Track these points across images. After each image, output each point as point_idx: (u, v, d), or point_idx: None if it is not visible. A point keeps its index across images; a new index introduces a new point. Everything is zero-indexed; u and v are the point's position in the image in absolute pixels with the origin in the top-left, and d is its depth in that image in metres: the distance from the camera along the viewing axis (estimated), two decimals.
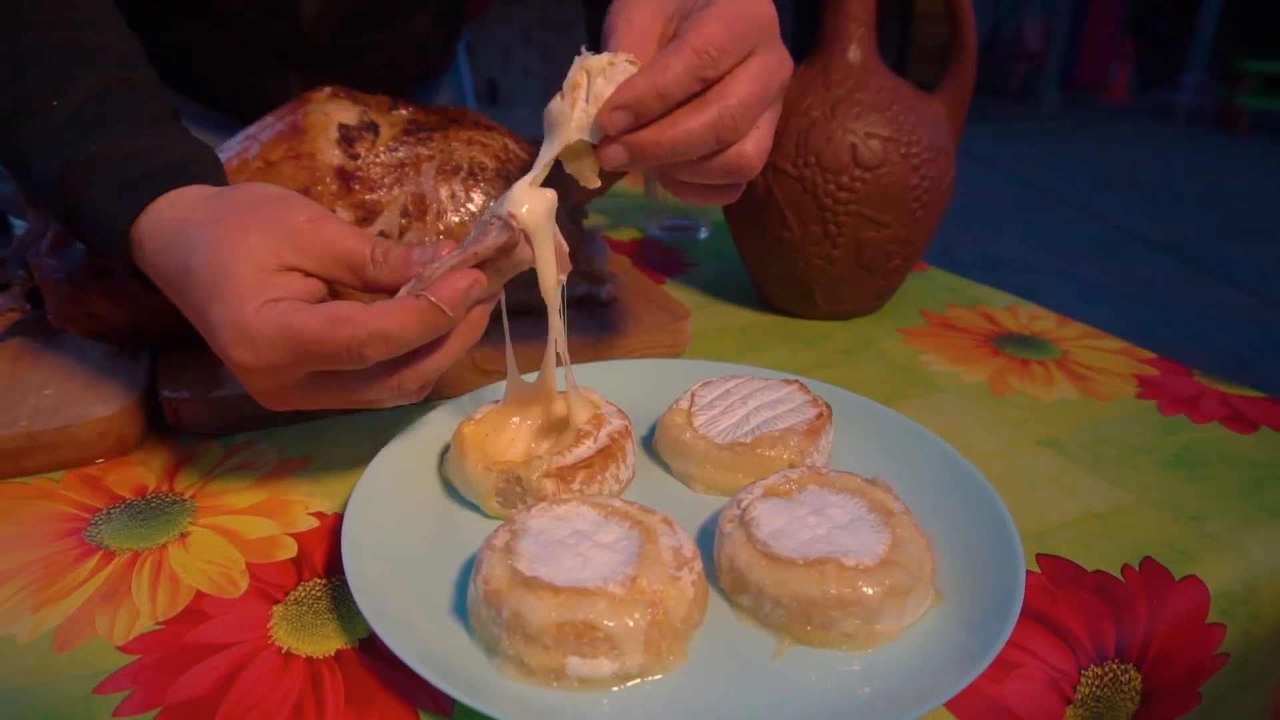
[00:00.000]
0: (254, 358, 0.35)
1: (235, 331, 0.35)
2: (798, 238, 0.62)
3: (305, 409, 0.40)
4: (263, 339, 0.35)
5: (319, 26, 0.81)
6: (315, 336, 0.34)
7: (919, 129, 0.61)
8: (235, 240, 0.36)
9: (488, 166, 0.57)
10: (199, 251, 0.37)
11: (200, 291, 0.37)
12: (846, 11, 0.62)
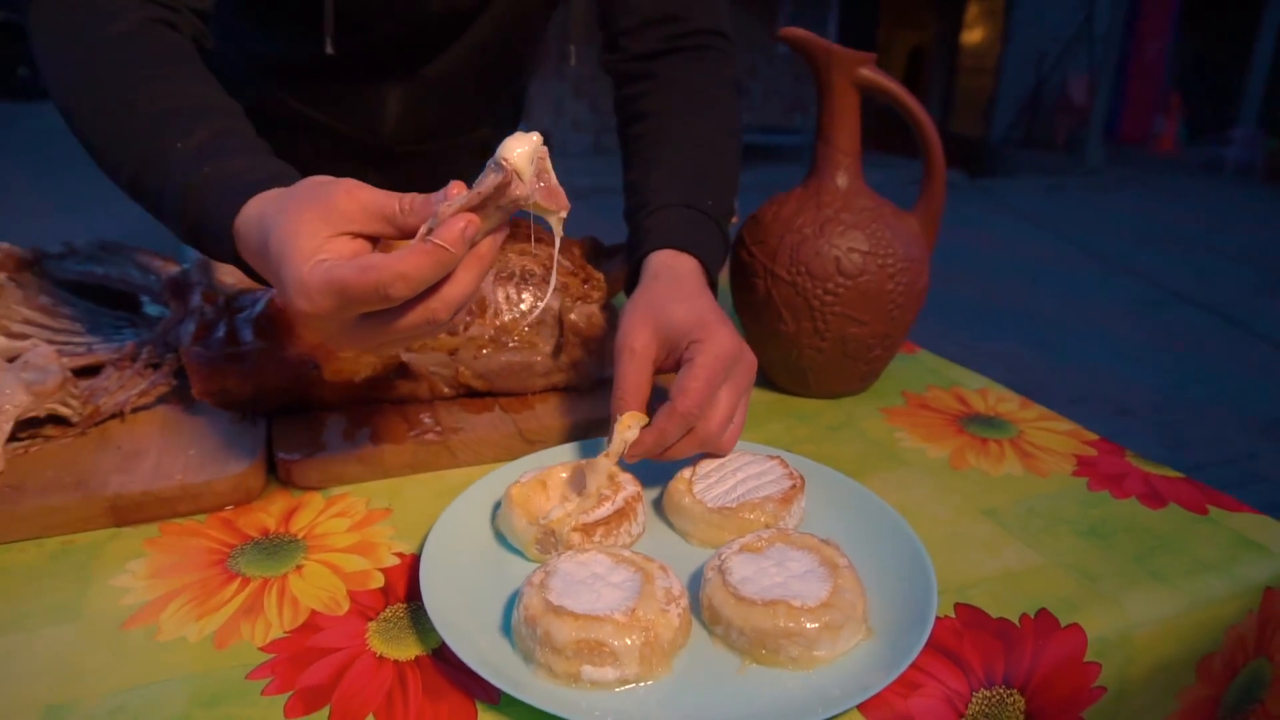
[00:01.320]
0: (311, 306, 0.46)
1: (296, 287, 0.46)
2: (792, 331, 0.75)
3: (361, 348, 0.50)
4: (315, 290, 0.45)
5: (397, 136, 0.96)
6: (350, 283, 0.44)
7: (895, 243, 0.74)
8: (295, 219, 0.48)
9: (535, 273, 0.71)
10: (272, 231, 0.49)
11: (274, 261, 0.48)
12: (836, 145, 0.75)
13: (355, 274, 0.44)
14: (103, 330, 0.78)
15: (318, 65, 0.85)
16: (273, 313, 0.68)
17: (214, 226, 0.54)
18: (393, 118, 0.95)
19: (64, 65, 0.62)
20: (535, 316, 0.70)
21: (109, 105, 0.60)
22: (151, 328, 0.78)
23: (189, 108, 0.59)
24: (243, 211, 0.53)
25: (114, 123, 0.60)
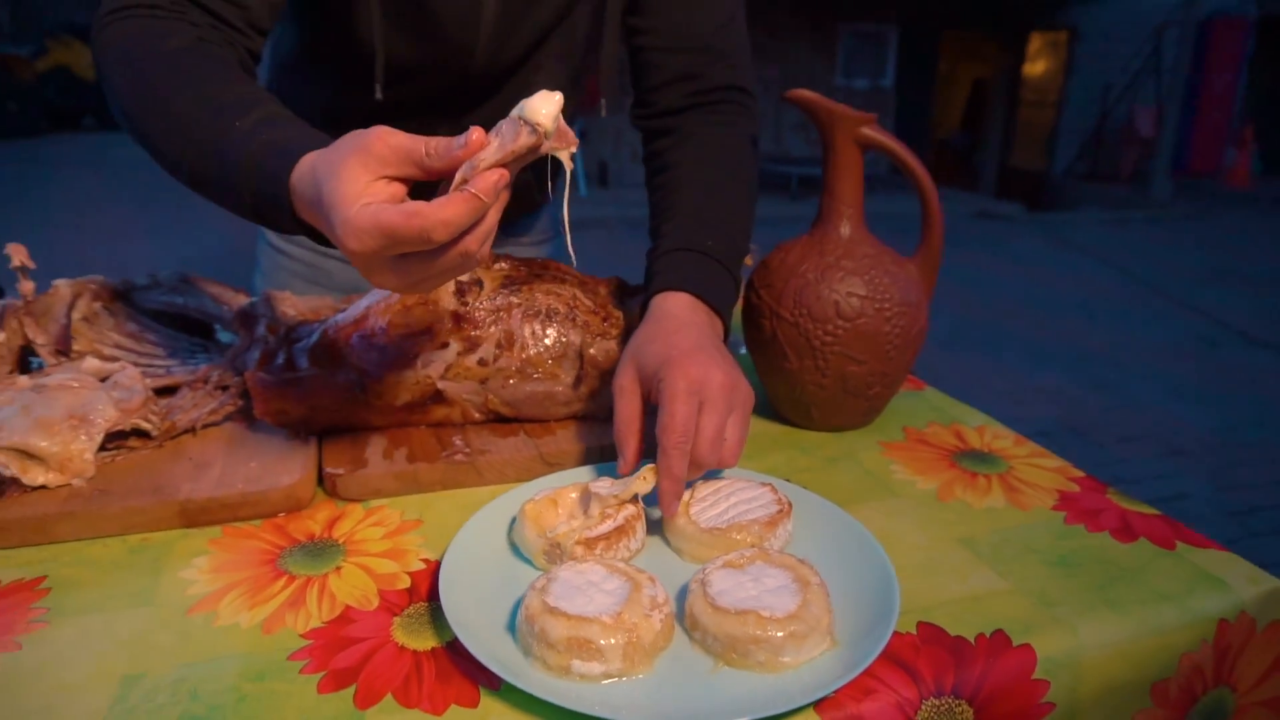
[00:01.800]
0: (359, 245, 0.53)
1: (346, 228, 0.53)
2: (795, 369, 0.81)
3: (402, 284, 0.56)
4: (363, 230, 0.52)
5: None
6: (397, 225, 0.50)
7: (892, 288, 0.79)
8: (339, 168, 0.54)
9: (559, 311, 0.78)
10: (322, 181, 0.56)
11: (325, 207, 0.55)
12: (839, 197, 0.81)
13: (402, 219, 0.51)
14: (180, 354, 0.88)
15: (368, 111, 0.94)
16: (326, 343, 0.76)
17: (273, 189, 0.61)
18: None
19: (125, 78, 0.70)
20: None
21: (167, 106, 0.67)
22: (222, 353, 0.87)
23: (239, 99, 0.67)
24: (296, 168, 0.59)
25: (173, 120, 0.67)
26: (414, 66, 0.90)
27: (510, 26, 0.90)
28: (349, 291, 1.16)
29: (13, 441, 0.65)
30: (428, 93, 0.95)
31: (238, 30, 0.76)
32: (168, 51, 0.70)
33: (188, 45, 0.71)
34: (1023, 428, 2.98)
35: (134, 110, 0.70)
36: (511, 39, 0.91)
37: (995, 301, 5.00)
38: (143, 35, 0.71)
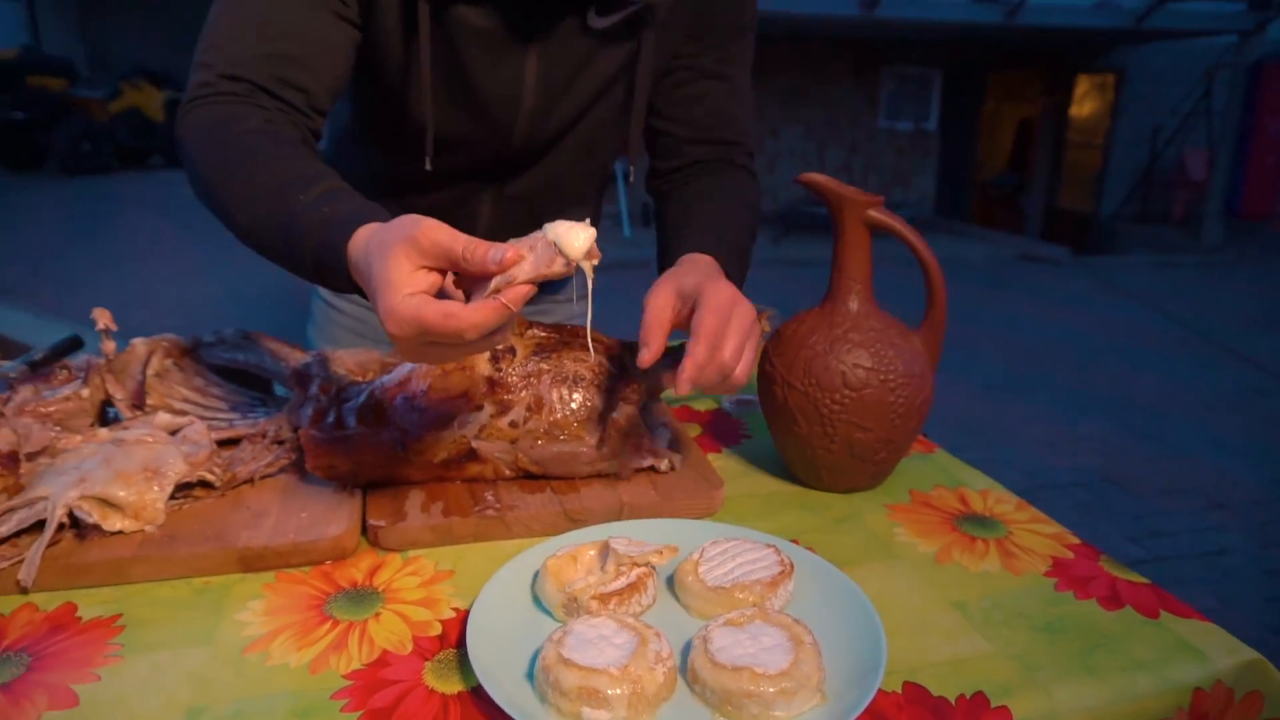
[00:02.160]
0: (398, 330, 0.61)
1: (389, 314, 0.61)
2: (806, 434, 0.86)
3: (426, 360, 0.65)
4: (404, 320, 0.60)
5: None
6: (434, 323, 0.58)
7: (897, 360, 0.84)
8: (388, 253, 0.62)
9: (585, 377, 0.85)
10: (373, 261, 0.63)
11: (373, 286, 0.63)
12: (848, 273, 0.87)
13: (439, 319, 0.59)
14: (241, 408, 0.96)
15: (419, 181, 1.03)
16: (372, 403, 0.84)
17: (332, 258, 0.69)
18: (483, 229, 1.12)
19: (203, 158, 0.81)
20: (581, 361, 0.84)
21: (239, 183, 0.78)
22: (279, 407, 0.95)
23: (302, 174, 0.76)
24: (352, 241, 0.68)
25: (244, 196, 0.77)
26: (459, 140, 0.99)
27: (547, 108, 0.98)
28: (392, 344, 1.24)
29: (96, 491, 0.74)
30: (471, 162, 1.04)
31: (300, 112, 0.86)
32: (239, 134, 0.80)
33: (256, 127, 0.81)
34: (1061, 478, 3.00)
35: (210, 186, 0.80)
36: (548, 119, 0.99)
37: (1037, 346, 4.96)
38: (218, 119, 0.81)
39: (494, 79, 0.94)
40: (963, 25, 7.61)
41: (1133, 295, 6.28)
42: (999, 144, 12.03)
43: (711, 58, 1.03)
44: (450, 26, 0.89)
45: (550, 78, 0.95)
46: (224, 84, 0.82)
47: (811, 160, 8.55)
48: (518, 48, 0.92)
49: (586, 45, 0.94)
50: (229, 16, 0.84)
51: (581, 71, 0.96)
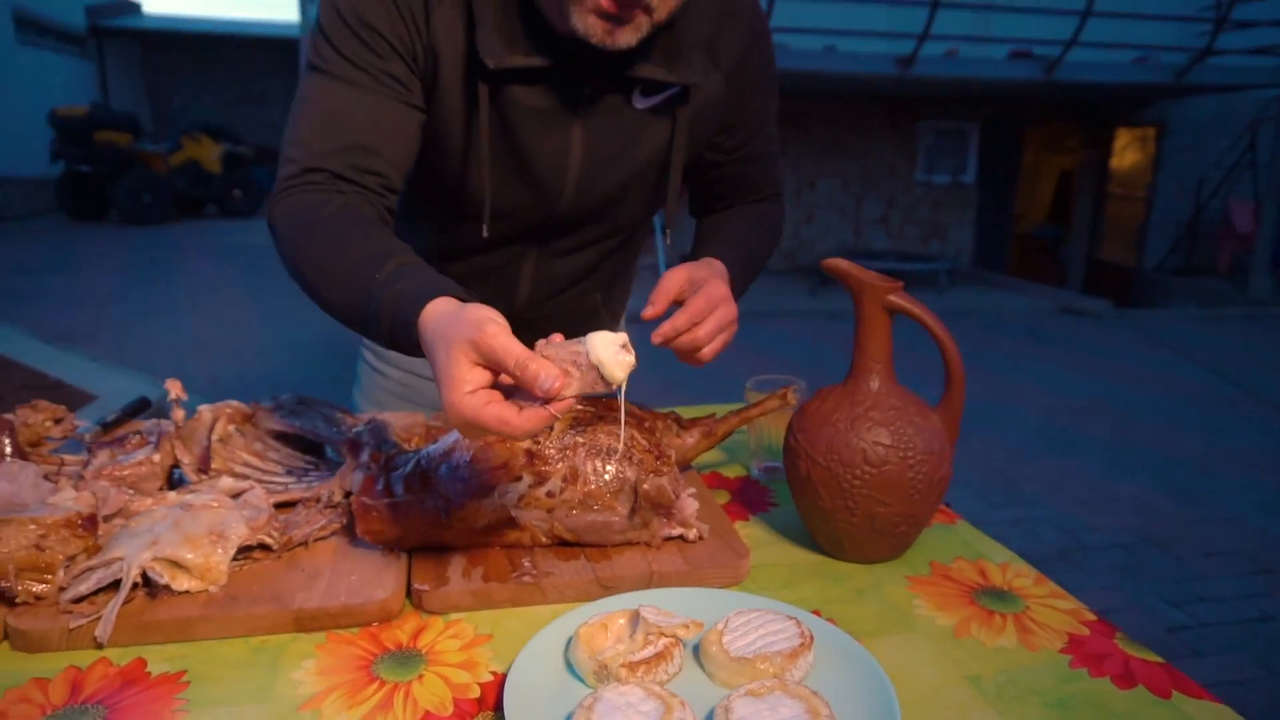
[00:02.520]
0: (457, 421, 0.69)
1: (450, 407, 0.69)
2: (828, 507, 0.90)
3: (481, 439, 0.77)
4: (463, 416, 0.68)
5: (527, 303, 1.21)
6: (489, 424, 0.67)
7: (916, 438, 0.88)
8: (452, 350, 0.70)
9: (617, 450, 0.90)
10: (436, 354, 0.72)
11: (437, 376, 0.71)
12: (869, 354, 0.91)
13: (495, 422, 0.68)
14: (296, 472, 1.03)
15: (470, 246, 1.13)
16: (418, 472, 0.89)
17: (405, 328, 0.78)
18: (525, 287, 1.20)
19: (291, 244, 0.91)
20: (614, 464, 0.89)
21: (323, 264, 0.88)
22: (331, 470, 1.02)
23: (379, 252, 0.85)
24: (423, 315, 0.76)
25: (328, 275, 0.87)
26: (512, 209, 1.08)
27: (592, 178, 1.06)
28: (438, 408, 1.31)
29: (166, 553, 0.80)
30: (522, 227, 1.12)
31: (376, 193, 0.96)
32: (322, 218, 0.90)
33: (337, 210, 0.91)
34: (1100, 539, 2.98)
35: (297, 266, 0.90)
36: (593, 188, 1.08)
37: (1078, 402, 4.91)
38: (303, 206, 0.92)
39: (544, 152, 1.02)
40: (999, 82, 7.67)
41: (1177, 349, 6.19)
42: (1038, 195, 12.00)
43: (748, 148, 1.16)
44: (505, 105, 0.98)
45: (595, 150, 1.04)
46: (307, 175, 0.92)
47: (849, 212, 8.61)
48: (566, 123, 1.01)
49: (630, 121, 1.03)
50: (310, 114, 0.94)
51: (624, 145, 1.05)
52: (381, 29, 0.93)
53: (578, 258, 1.20)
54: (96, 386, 4.08)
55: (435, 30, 0.94)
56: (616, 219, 1.15)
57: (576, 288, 1.24)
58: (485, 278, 1.19)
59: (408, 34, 0.94)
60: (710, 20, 1.03)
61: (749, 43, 1.07)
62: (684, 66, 0.99)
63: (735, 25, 1.05)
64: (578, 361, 0.68)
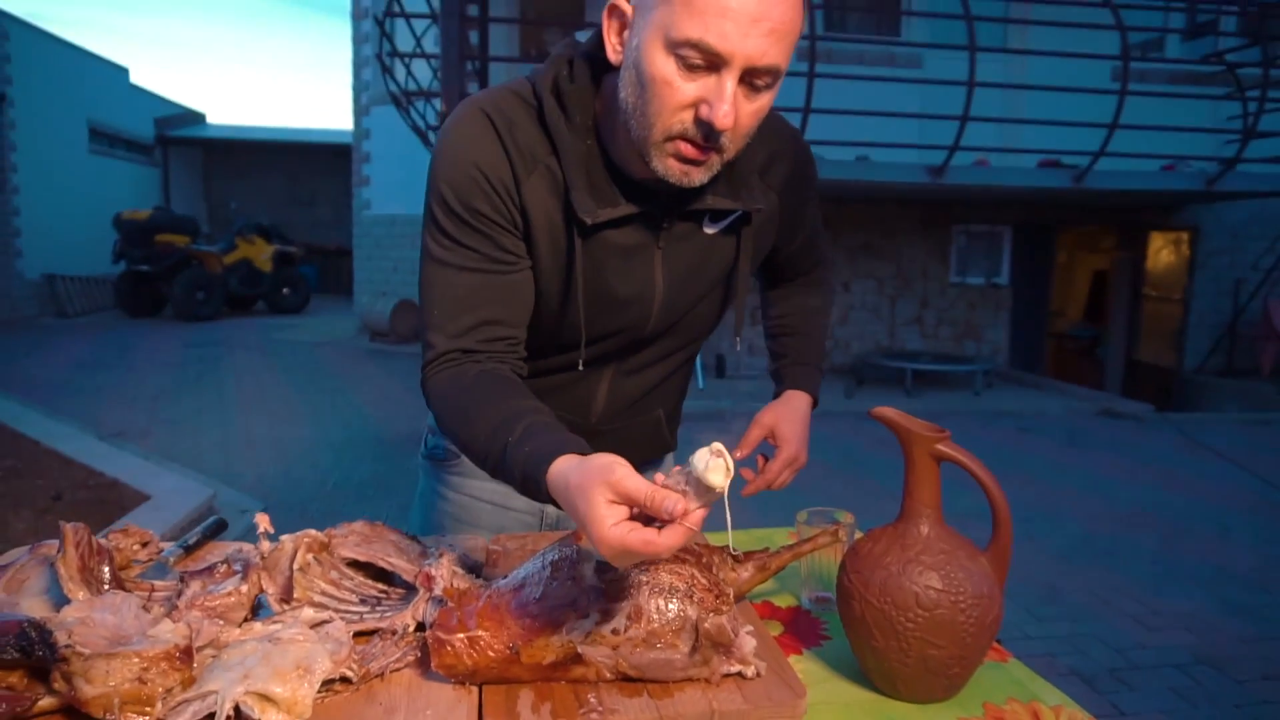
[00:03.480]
0: (608, 552, 0.79)
1: (600, 541, 0.79)
2: (882, 647, 0.93)
3: (631, 563, 0.87)
4: (613, 546, 0.78)
5: (601, 417, 1.30)
6: (638, 549, 0.77)
7: (967, 582, 0.92)
8: (589, 495, 0.80)
9: (679, 589, 0.95)
10: (576, 501, 0.83)
11: (581, 520, 0.81)
12: (919, 499, 0.96)
13: (641, 545, 0.78)
14: (369, 600, 1.08)
15: (563, 368, 1.24)
16: (489, 608, 0.95)
17: (534, 486, 0.92)
18: (600, 403, 1.30)
19: (443, 412, 1.07)
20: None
21: (467, 429, 1.02)
22: (404, 600, 1.07)
23: (510, 415, 0.99)
24: (550, 472, 0.89)
25: (472, 437, 1.02)
26: (604, 335, 1.19)
27: (674, 300, 1.18)
28: (494, 531, 1.38)
29: (257, 687, 0.85)
30: (613, 348, 1.23)
31: (505, 353, 1.10)
32: (462, 389, 1.06)
33: (472, 381, 1.06)
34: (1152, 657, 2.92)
35: (451, 430, 1.07)
36: (674, 309, 1.20)
37: (1121, 510, 4.83)
38: (447, 382, 1.08)
39: (631, 282, 1.14)
40: (1030, 190, 7.83)
41: (1223, 455, 6.08)
42: (1073, 295, 12.02)
43: (800, 242, 1.38)
44: (595, 247, 1.10)
45: (675, 274, 1.16)
46: (446, 357, 1.08)
47: (884, 314, 8.69)
48: (649, 254, 1.14)
49: (701, 244, 1.16)
50: (439, 303, 1.09)
51: (699, 266, 1.18)
52: (485, 211, 1.06)
53: (649, 373, 1.30)
54: (150, 486, 4.20)
55: (525, 196, 1.07)
56: (690, 332, 1.27)
57: (646, 400, 1.34)
58: (564, 395, 1.28)
59: (506, 208, 1.07)
60: (763, 149, 1.16)
61: (794, 165, 1.23)
62: (746, 194, 1.13)
63: (783, 153, 1.21)
64: (689, 480, 0.78)
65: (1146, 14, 8.21)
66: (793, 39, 0.95)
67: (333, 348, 9.76)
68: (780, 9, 0.91)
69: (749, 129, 0.99)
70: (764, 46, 0.91)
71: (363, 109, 12.84)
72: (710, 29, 0.90)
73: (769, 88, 0.97)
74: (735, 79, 0.93)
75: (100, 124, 14.86)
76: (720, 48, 0.91)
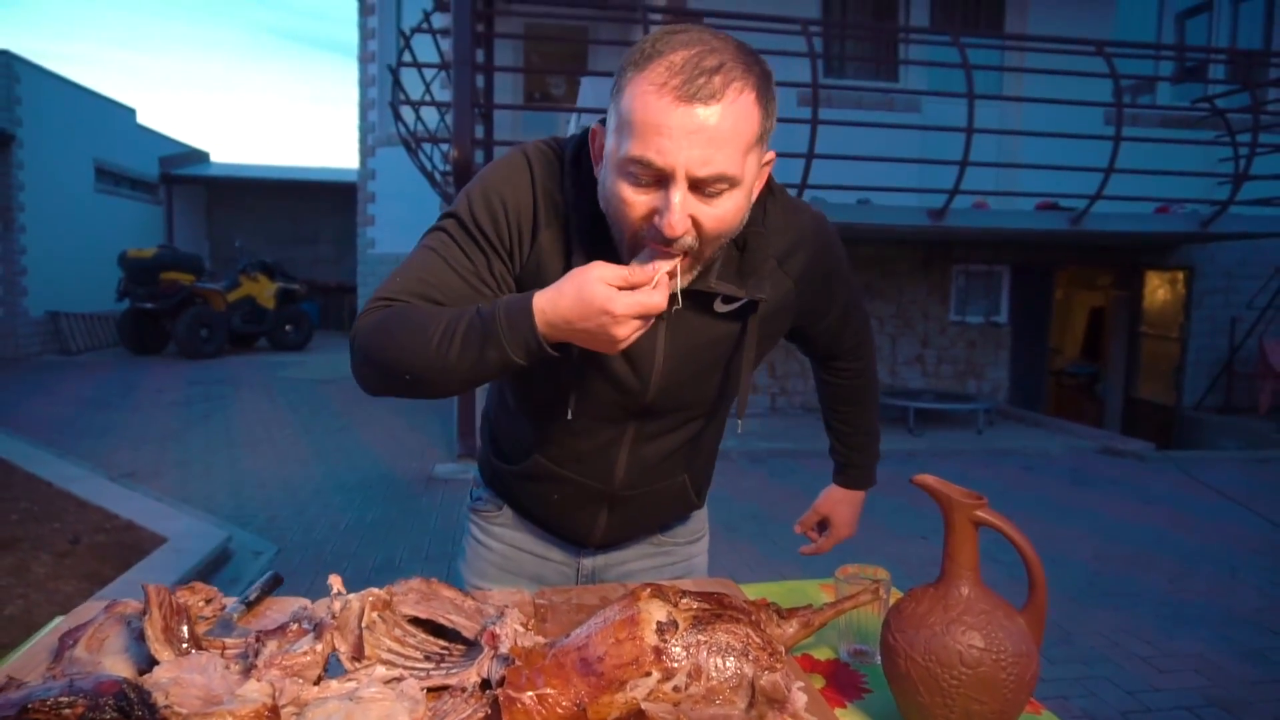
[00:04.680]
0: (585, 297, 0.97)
1: (582, 283, 0.97)
2: (927, 703, 0.99)
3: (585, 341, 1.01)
4: (589, 279, 0.97)
5: (623, 484, 1.34)
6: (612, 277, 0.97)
7: (1006, 641, 0.98)
8: (578, 276, 0.98)
9: (736, 648, 1.00)
10: (565, 292, 0.99)
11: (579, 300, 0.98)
12: (959, 562, 1.02)
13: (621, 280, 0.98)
14: (433, 657, 1.14)
15: (573, 431, 1.29)
16: (554, 667, 1.00)
17: (518, 315, 1.01)
18: (620, 469, 1.34)
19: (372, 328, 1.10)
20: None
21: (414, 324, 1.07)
22: (467, 656, 1.12)
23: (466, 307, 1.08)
24: (534, 298, 1.01)
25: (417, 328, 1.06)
26: (603, 399, 1.24)
27: (674, 371, 1.23)
28: (537, 582, 1.44)
29: None
30: (617, 413, 1.28)
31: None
32: (400, 309, 1.11)
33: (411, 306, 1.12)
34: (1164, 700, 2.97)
35: (374, 339, 1.10)
36: (675, 380, 1.24)
37: (1127, 550, 4.87)
38: (381, 314, 1.12)
39: (635, 353, 1.20)
40: (1028, 232, 7.96)
41: (1224, 494, 6.14)
42: (1071, 332, 12.14)
43: (836, 323, 1.41)
44: None
45: (678, 350, 1.22)
46: (382, 302, 1.14)
47: (884, 352, 8.79)
48: (654, 328, 1.19)
49: (709, 324, 1.21)
50: (408, 273, 1.15)
51: (705, 344, 1.22)
52: (492, 236, 1.15)
53: (666, 440, 1.33)
54: (166, 529, 4.23)
55: (540, 245, 1.15)
56: (697, 405, 1.30)
57: (666, 465, 1.37)
58: (585, 460, 1.33)
59: (511, 243, 1.16)
60: (784, 239, 1.22)
61: (814, 252, 1.27)
62: (754, 283, 1.17)
63: (804, 242, 1.25)
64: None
65: (1138, 63, 8.43)
66: (739, 144, 0.99)
67: (337, 386, 9.80)
68: (720, 119, 0.96)
69: (718, 231, 1.04)
70: (705, 156, 0.96)
71: (368, 150, 13.05)
72: (649, 146, 0.97)
73: (725, 193, 1.01)
74: (683, 189, 0.99)
75: (106, 163, 15.03)
76: (660, 163, 0.97)
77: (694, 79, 0.95)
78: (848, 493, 1.62)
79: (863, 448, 1.60)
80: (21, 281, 12.50)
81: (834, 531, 1.64)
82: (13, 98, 12.20)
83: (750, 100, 0.99)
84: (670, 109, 0.95)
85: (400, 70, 6.78)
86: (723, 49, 0.98)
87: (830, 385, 1.56)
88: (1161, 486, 6.40)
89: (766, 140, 1.06)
